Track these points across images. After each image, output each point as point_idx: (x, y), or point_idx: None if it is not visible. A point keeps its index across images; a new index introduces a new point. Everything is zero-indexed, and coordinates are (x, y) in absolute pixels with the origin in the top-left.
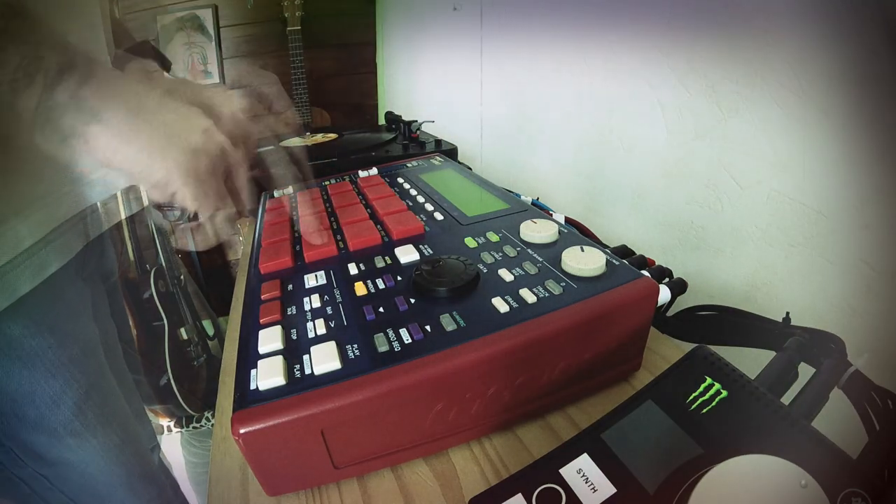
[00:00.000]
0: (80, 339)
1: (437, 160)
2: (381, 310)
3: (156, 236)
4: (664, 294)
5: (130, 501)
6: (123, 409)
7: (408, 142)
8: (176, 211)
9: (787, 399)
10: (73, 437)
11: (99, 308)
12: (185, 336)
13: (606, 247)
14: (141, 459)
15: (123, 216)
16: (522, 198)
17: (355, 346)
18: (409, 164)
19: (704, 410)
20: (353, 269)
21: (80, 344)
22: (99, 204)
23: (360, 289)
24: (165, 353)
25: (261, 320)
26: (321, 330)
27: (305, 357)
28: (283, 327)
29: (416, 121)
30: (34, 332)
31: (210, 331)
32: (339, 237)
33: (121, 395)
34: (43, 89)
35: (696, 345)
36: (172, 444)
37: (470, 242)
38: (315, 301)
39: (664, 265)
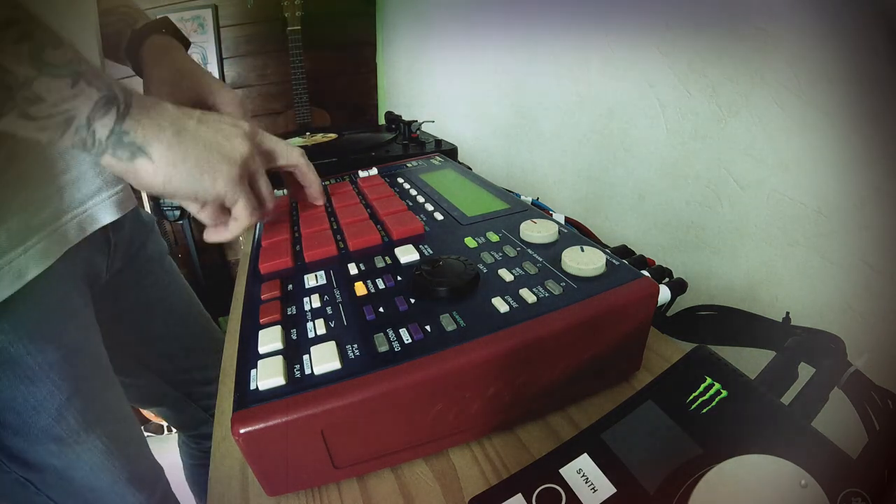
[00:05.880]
0: (61, 346)
1: (437, 160)
2: (381, 310)
3: None
4: (664, 294)
5: None
6: (109, 415)
7: (408, 142)
8: (176, 211)
9: (787, 399)
10: (55, 443)
11: (83, 313)
12: None
13: (606, 247)
14: (129, 464)
15: (117, 216)
16: (522, 198)
17: (355, 346)
18: (409, 164)
19: (704, 410)
20: (353, 269)
21: (61, 350)
22: (84, 207)
23: (360, 289)
24: None
25: (261, 320)
26: (321, 330)
27: (305, 357)
28: (283, 327)
29: (416, 121)
30: (13, 339)
31: None
32: (339, 237)
33: (106, 401)
34: (85, 125)
35: (696, 345)
36: (172, 445)
37: (470, 242)
38: (315, 301)
39: (664, 265)
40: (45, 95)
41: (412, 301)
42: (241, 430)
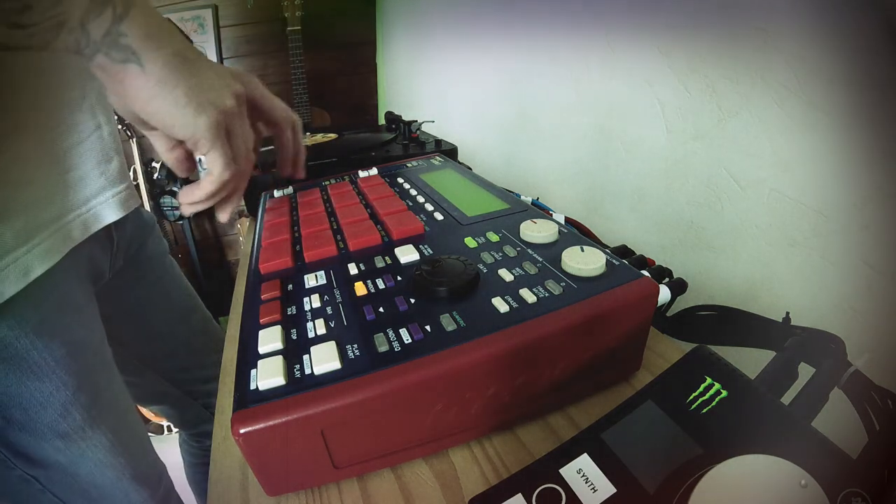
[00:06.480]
0: (67, 341)
1: (437, 160)
2: (381, 310)
3: None
4: (664, 294)
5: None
6: (113, 411)
7: (408, 142)
8: (175, 211)
9: (787, 399)
10: (60, 439)
11: (87, 310)
12: None
13: (606, 247)
14: (132, 461)
15: (121, 215)
16: (522, 198)
17: (355, 346)
18: (409, 164)
19: (704, 410)
20: (353, 269)
21: (67, 346)
22: (89, 206)
23: (360, 289)
24: None
25: (261, 320)
26: (321, 330)
27: (305, 357)
28: (283, 327)
29: (416, 121)
30: (19, 334)
31: None
32: (339, 237)
33: (110, 397)
34: (78, 26)
35: (696, 345)
36: (172, 445)
37: (470, 242)
38: (315, 301)
39: (664, 265)
40: (33, 3)
41: (412, 301)
42: (241, 430)
